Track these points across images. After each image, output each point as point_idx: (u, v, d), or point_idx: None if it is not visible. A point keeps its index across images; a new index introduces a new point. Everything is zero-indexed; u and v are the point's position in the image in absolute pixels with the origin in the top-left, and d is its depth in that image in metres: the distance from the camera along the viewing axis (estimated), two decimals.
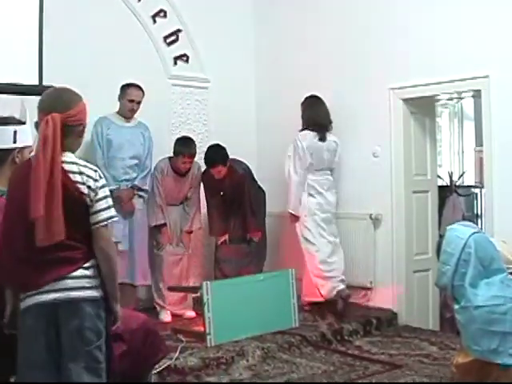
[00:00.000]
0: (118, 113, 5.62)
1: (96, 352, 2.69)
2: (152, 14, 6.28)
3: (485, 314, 3.36)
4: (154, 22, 6.31)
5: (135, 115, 5.67)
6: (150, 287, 5.77)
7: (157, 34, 6.34)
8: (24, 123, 3.22)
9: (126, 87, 5.57)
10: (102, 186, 2.74)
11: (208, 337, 4.80)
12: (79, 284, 2.67)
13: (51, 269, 2.63)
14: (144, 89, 5.69)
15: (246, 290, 5.11)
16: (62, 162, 2.65)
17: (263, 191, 6.15)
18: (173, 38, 6.44)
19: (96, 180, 2.71)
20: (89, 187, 2.68)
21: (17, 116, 3.31)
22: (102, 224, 2.71)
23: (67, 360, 2.64)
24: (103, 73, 5.63)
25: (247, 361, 4.69)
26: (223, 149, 5.79)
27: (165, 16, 6.36)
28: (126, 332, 3.20)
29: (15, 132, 3.11)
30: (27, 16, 5.34)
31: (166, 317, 5.63)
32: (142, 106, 5.68)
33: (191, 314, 5.72)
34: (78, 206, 2.65)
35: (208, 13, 6.59)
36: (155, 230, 5.67)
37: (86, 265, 2.70)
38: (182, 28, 6.47)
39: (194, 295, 5.61)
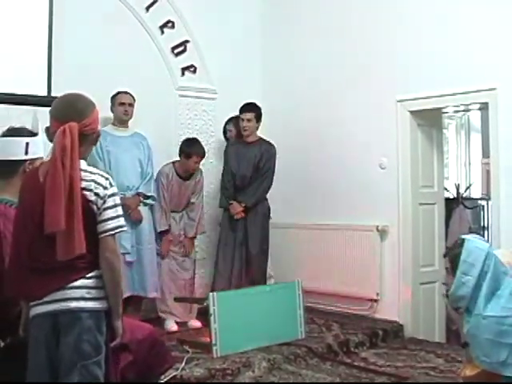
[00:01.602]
0: (113, 124, 5.61)
1: (94, 368, 2.60)
2: (160, 24, 6.30)
3: (493, 324, 3.33)
4: (162, 32, 6.33)
5: (130, 125, 5.63)
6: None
7: (164, 44, 6.36)
8: (36, 134, 3.22)
9: (114, 96, 5.60)
10: (112, 195, 2.68)
11: (214, 348, 4.79)
12: (78, 294, 2.60)
13: (53, 278, 2.60)
14: (151, 100, 5.74)
15: (252, 301, 5.10)
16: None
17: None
18: (180, 48, 6.46)
19: (105, 188, 2.66)
20: (97, 194, 2.63)
21: (29, 127, 3.31)
22: (109, 233, 2.63)
23: (63, 374, 2.59)
24: (110, 83, 5.61)
25: (253, 372, 4.66)
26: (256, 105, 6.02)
27: (173, 27, 6.38)
28: (132, 342, 3.19)
29: (27, 144, 3.11)
30: (37, 28, 5.42)
31: (171, 326, 5.61)
32: (149, 116, 5.72)
33: (196, 322, 5.71)
34: (84, 214, 2.58)
35: (216, 24, 6.63)
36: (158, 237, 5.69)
37: (88, 275, 2.63)
38: (189, 39, 6.49)
39: (199, 306, 5.61)
